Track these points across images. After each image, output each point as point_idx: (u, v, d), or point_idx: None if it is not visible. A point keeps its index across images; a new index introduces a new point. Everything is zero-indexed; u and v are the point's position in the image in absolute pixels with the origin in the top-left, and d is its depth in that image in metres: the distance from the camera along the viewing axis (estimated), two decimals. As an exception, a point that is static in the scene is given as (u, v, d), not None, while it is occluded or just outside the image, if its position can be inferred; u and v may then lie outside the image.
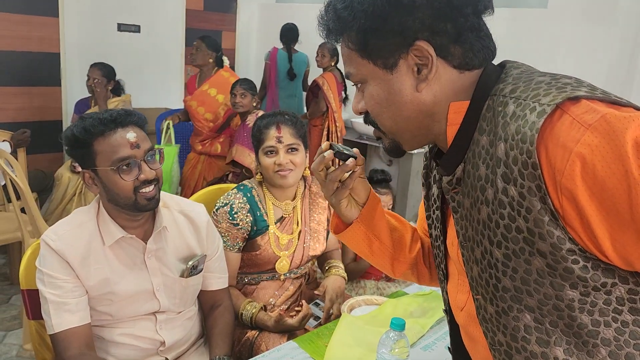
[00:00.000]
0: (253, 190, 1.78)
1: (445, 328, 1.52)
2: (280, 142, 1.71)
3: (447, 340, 1.45)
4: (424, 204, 0.99)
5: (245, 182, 1.82)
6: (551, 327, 0.71)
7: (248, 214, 1.73)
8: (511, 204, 0.69)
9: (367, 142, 4.49)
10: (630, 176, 0.60)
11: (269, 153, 1.72)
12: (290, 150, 1.72)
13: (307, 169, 1.81)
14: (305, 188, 1.87)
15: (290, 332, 1.62)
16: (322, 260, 1.99)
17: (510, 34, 3.57)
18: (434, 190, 0.93)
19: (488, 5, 0.77)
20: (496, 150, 0.70)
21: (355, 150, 0.98)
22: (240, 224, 1.71)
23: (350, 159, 0.95)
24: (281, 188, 1.76)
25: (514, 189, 0.68)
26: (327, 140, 4.21)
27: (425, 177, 0.97)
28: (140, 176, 1.31)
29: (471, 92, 0.77)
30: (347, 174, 0.97)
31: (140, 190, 1.32)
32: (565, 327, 0.70)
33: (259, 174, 1.79)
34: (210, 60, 3.65)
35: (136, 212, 1.35)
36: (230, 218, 1.71)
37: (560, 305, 0.69)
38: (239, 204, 1.73)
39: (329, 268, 1.90)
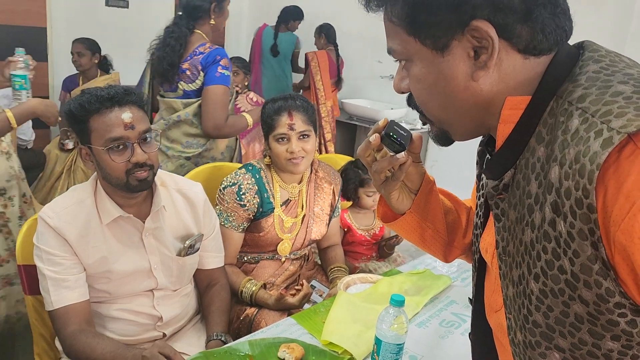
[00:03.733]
0: (261, 171, 1.77)
1: (439, 305, 1.56)
2: (292, 129, 1.69)
3: (441, 317, 1.49)
4: (476, 183, 0.87)
5: (253, 162, 1.81)
6: None
7: (255, 196, 1.73)
8: (558, 239, 0.58)
9: (357, 122, 4.49)
10: None
11: (280, 140, 1.70)
12: (302, 137, 1.71)
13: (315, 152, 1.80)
14: (311, 172, 1.87)
15: (289, 311, 1.64)
16: (325, 257, 1.99)
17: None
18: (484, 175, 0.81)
19: None
20: (550, 171, 0.59)
21: (415, 134, 0.85)
22: (247, 205, 1.72)
23: (401, 153, 0.83)
24: (291, 173, 1.76)
25: (563, 225, 0.57)
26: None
27: (481, 155, 0.82)
28: (132, 159, 1.29)
29: (535, 86, 0.64)
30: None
31: (132, 173, 1.30)
32: None
33: (267, 157, 1.78)
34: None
35: (128, 192, 1.35)
36: (238, 198, 1.71)
37: (596, 352, 0.60)
38: (247, 185, 1.72)
39: (333, 278, 1.85)
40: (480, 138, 0.81)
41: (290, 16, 4.55)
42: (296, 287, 1.67)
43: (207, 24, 2.20)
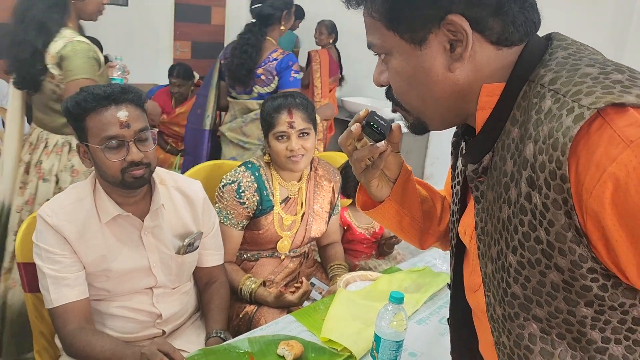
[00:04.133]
0: (261, 169, 1.77)
1: (438, 303, 1.56)
2: (292, 127, 1.69)
3: (441, 314, 1.49)
4: (450, 173, 0.92)
5: (253, 159, 1.81)
6: (557, 339, 0.67)
7: (255, 194, 1.73)
8: (533, 212, 0.62)
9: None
10: None
11: (280, 138, 1.70)
12: (301, 135, 1.71)
13: (315, 150, 1.81)
14: (311, 170, 1.87)
15: (289, 308, 1.64)
16: (325, 255, 1.99)
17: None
18: (459, 164, 0.86)
19: None
20: (525, 149, 0.63)
21: (394, 124, 0.88)
22: (247, 202, 1.72)
23: (381, 142, 0.86)
24: (291, 171, 1.76)
25: (538, 197, 0.61)
26: None
27: (455, 145, 0.88)
28: (127, 157, 1.29)
29: (508, 73, 0.68)
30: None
31: (128, 172, 1.30)
32: (572, 341, 0.66)
33: (267, 154, 1.78)
34: (191, 88, 3.78)
35: (124, 189, 1.35)
36: (237, 196, 1.71)
37: (571, 320, 0.64)
38: (247, 183, 1.72)
39: (333, 276, 1.86)
40: (454, 130, 0.87)
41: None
42: (296, 285, 1.68)
43: (277, 29, 2.41)
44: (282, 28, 2.43)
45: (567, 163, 0.58)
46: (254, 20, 2.38)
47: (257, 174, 1.75)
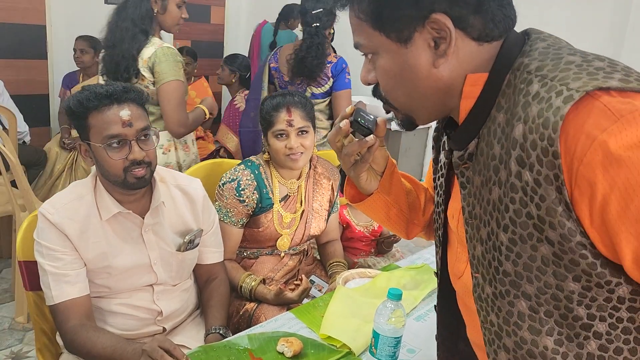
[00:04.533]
0: (260, 167, 1.78)
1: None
2: (291, 125, 1.70)
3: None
4: (432, 167, 0.97)
5: (252, 158, 1.82)
6: (545, 317, 0.70)
7: (254, 192, 1.73)
8: (524, 189, 0.66)
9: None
10: None
11: (279, 136, 1.71)
12: (300, 133, 1.72)
13: (314, 148, 1.82)
14: (310, 168, 1.88)
15: (289, 305, 1.65)
16: (324, 252, 2.00)
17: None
18: (442, 157, 0.90)
19: None
20: (513, 130, 0.66)
21: (379, 119, 0.92)
22: (247, 200, 1.72)
23: (370, 136, 0.91)
24: (290, 169, 1.77)
25: (529, 174, 0.65)
26: None
27: (436, 139, 0.92)
28: (130, 156, 1.30)
29: (491, 63, 0.73)
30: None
31: (130, 170, 1.31)
32: (559, 318, 0.69)
33: (266, 152, 1.79)
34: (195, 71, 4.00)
35: (125, 189, 1.35)
36: (237, 194, 1.72)
37: (559, 295, 0.68)
38: (246, 181, 1.73)
39: (332, 273, 1.86)
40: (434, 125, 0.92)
41: (291, 14, 4.54)
42: (295, 282, 1.68)
43: (328, 34, 2.59)
44: (330, 32, 2.63)
45: (559, 140, 0.61)
46: (317, 25, 2.48)
47: (256, 172, 1.76)
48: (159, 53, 2.05)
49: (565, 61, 0.66)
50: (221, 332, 1.46)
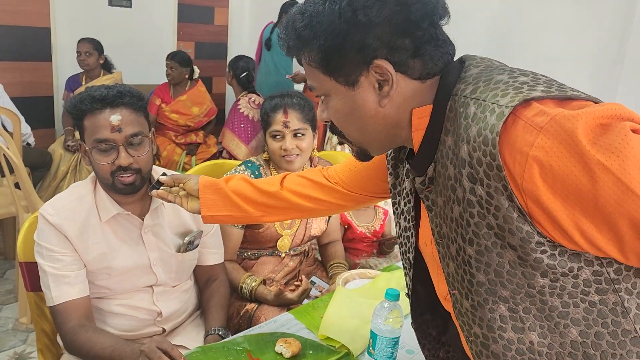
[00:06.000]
0: (261, 167, 1.78)
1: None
2: (286, 127, 1.70)
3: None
4: (390, 191, 1.01)
5: (252, 159, 1.82)
6: (524, 314, 0.74)
7: None
8: (480, 202, 0.71)
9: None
10: (591, 170, 0.62)
11: (275, 137, 1.72)
12: (296, 135, 1.72)
13: (314, 150, 1.82)
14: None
15: (289, 306, 1.65)
16: (325, 253, 2.00)
17: (500, 15, 3.56)
18: (406, 184, 0.94)
19: (444, 14, 0.78)
20: (460, 151, 0.72)
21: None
22: None
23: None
24: (287, 170, 1.77)
25: (481, 189, 0.70)
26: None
27: (393, 167, 0.98)
28: (116, 161, 1.30)
29: (433, 94, 0.79)
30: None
31: (117, 176, 1.31)
32: (537, 312, 0.74)
33: (266, 152, 1.79)
34: (186, 76, 3.91)
35: (115, 193, 1.36)
36: None
37: (532, 292, 0.73)
38: None
39: (333, 274, 1.86)
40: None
41: (290, 10, 4.52)
42: (295, 283, 1.68)
43: None
44: None
45: (499, 154, 0.67)
46: None
47: (257, 173, 1.76)
48: None
49: (494, 81, 0.73)
50: (221, 333, 1.46)
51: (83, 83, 3.73)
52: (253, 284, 1.68)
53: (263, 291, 1.67)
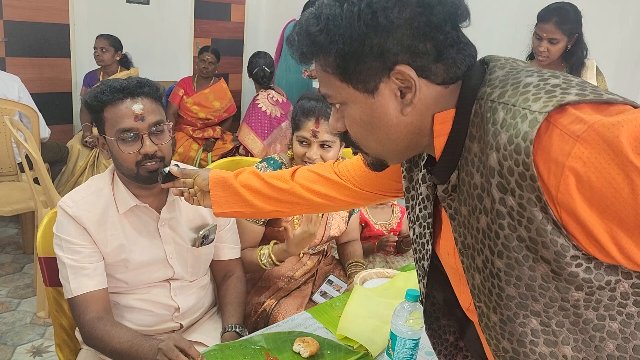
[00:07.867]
0: (283, 166, 1.76)
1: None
2: (315, 136, 1.66)
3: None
4: (404, 195, 0.97)
5: (274, 156, 1.80)
6: (558, 328, 0.71)
7: None
8: (510, 214, 0.67)
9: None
10: (633, 182, 0.59)
11: (302, 142, 1.69)
12: (323, 146, 1.68)
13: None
14: None
15: (307, 303, 1.62)
16: (343, 252, 1.98)
17: (523, 10, 3.50)
18: (422, 190, 0.89)
19: (466, 15, 0.74)
20: (488, 159, 0.68)
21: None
22: None
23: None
24: None
25: (512, 200, 0.67)
26: None
27: (408, 170, 0.94)
28: (142, 150, 1.31)
29: (455, 98, 0.74)
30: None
31: (142, 164, 1.32)
32: (571, 325, 0.70)
33: (290, 149, 1.77)
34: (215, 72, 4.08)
35: (139, 183, 1.36)
36: None
37: (565, 305, 0.69)
38: None
39: (351, 274, 1.84)
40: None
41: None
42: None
43: None
44: None
45: (533, 163, 0.63)
46: None
47: None
48: None
49: (523, 83, 0.69)
50: (237, 330, 1.45)
51: (100, 79, 3.75)
52: (267, 251, 1.64)
53: (278, 249, 1.63)
